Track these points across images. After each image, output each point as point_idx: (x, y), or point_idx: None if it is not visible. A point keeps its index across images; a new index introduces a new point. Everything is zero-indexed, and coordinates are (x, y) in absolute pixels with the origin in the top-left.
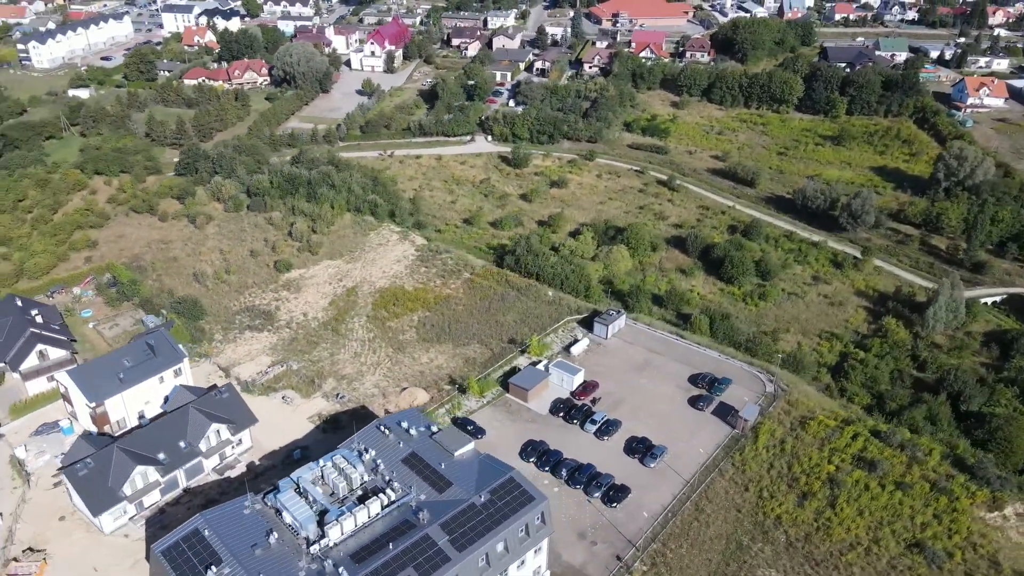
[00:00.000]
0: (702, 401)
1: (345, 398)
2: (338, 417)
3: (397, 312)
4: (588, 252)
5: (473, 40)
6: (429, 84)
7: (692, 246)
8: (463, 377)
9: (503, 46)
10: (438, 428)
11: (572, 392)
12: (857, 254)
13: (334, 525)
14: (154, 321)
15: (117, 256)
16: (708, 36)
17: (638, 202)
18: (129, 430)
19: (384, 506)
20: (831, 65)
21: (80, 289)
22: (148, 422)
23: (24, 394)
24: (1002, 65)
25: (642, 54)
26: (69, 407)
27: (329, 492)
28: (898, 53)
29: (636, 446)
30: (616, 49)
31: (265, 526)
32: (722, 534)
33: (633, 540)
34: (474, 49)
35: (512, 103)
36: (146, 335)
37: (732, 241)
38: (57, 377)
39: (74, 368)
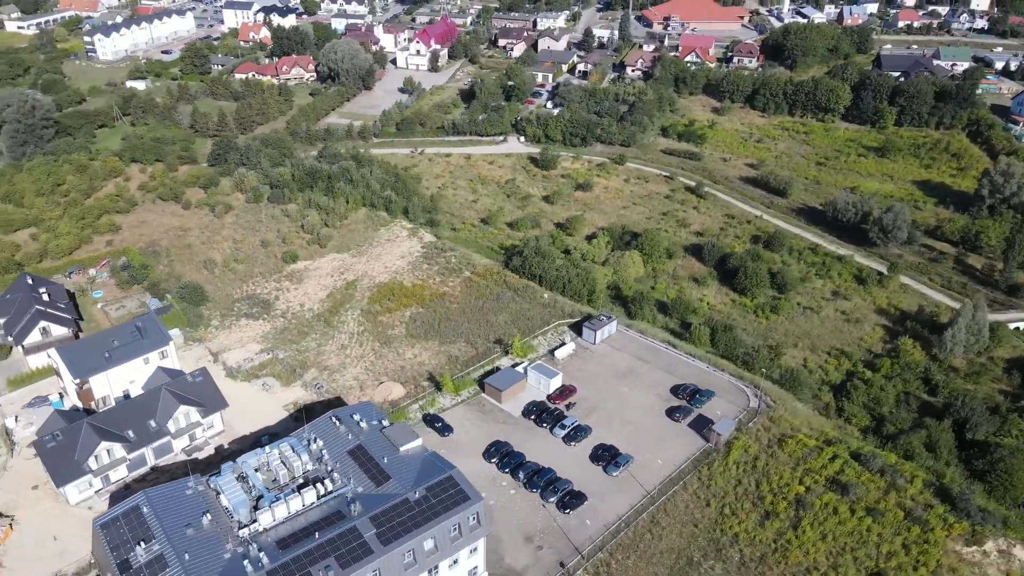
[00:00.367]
0: (679, 412)
1: (323, 388)
2: (313, 407)
3: (391, 307)
4: (599, 256)
5: (519, 41)
6: (469, 84)
7: (709, 255)
8: (442, 374)
9: (548, 47)
10: (390, 423)
11: (549, 396)
12: (883, 270)
13: (266, 511)
14: (156, 304)
15: (137, 241)
16: (758, 41)
17: (662, 208)
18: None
19: (320, 496)
20: (881, 73)
21: (96, 271)
22: (123, 401)
23: (25, 368)
24: None
25: (687, 58)
26: (61, 382)
27: (271, 479)
28: (959, 63)
29: (602, 454)
30: (660, 53)
31: (203, 507)
32: (674, 548)
33: (581, 548)
34: (519, 50)
35: (550, 105)
36: (139, 318)
37: (750, 251)
38: (49, 353)
39: (63, 345)
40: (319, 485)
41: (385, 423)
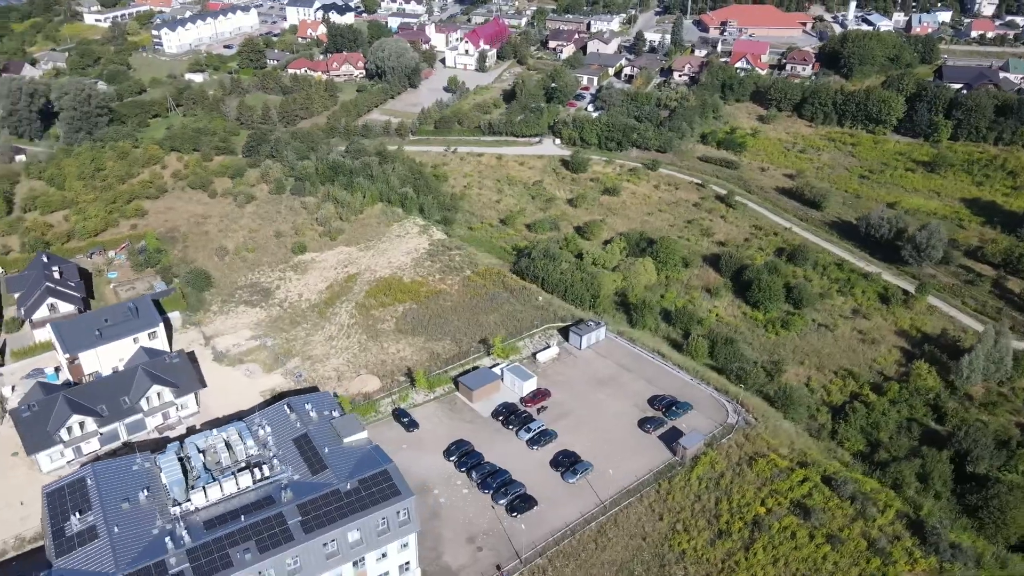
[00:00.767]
0: (651, 423)
1: (302, 377)
2: (288, 394)
3: (385, 302)
4: (611, 262)
5: (568, 43)
6: (513, 84)
7: (725, 266)
8: (417, 370)
9: (597, 50)
10: (340, 413)
11: (522, 398)
12: (912, 290)
13: (199, 491)
14: (163, 287)
15: (160, 226)
16: (814, 49)
17: (688, 216)
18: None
19: (256, 481)
20: (940, 85)
21: (115, 253)
22: (100, 377)
23: (31, 341)
24: None
25: (737, 65)
26: (58, 356)
27: (215, 460)
28: None
29: (562, 459)
30: (708, 58)
31: (145, 484)
32: (616, 560)
33: (521, 552)
34: (568, 52)
35: (591, 108)
36: (134, 299)
37: (768, 264)
38: (48, 328)
39: (59, 321)
40: (257, 470)
41: (335, 414)
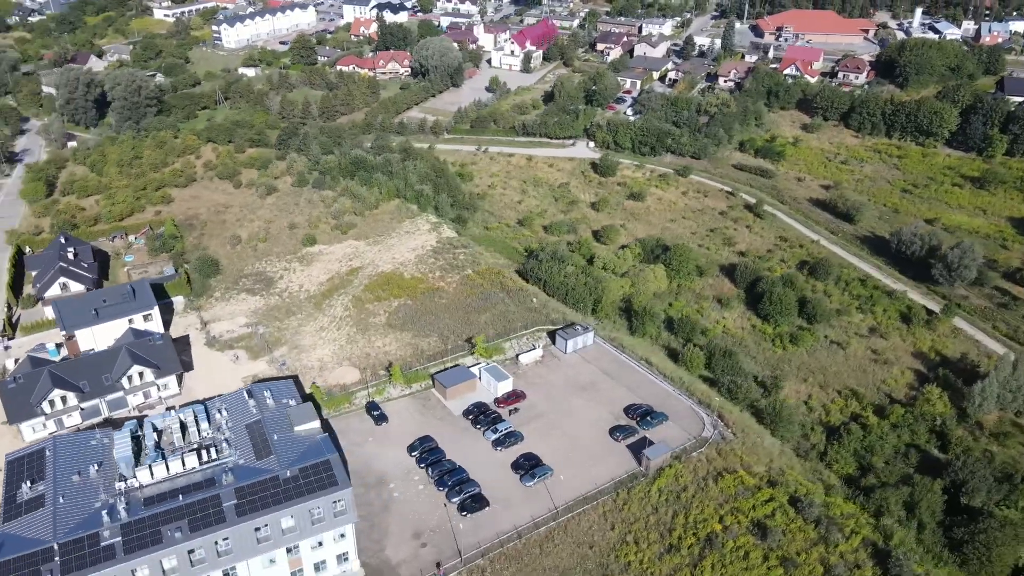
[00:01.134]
0: (622, 432)
1: (285, 365)
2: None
3: (381, 296)
4: (621, 268)
5: (616, 46)
6: (552, 86)
7: (741, 276)
8: (393, 365)
9: (644, 54)
10: (297, 402)
11: (496, 399)
12: (937, 310)
13: (143, 469)
14: (171, 272)
15: (182, 213)
16: (869, 57)
17: (713, 224)
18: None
19: (203, 462)
20: (999, 97)
21: (135, 237)
22: (87, 355)
23: (42, 317)
24: None
25: (786, 71)
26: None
27: (169, 440)
28: None
29: (523, 462)
30: (755, 64)
31: (99, 458)
32: (559, 567)
33: (464, 551)
34: (615, 55)
35: (630, 111)
36: (133, 282)
37: (784, 276)
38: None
39: (59, 299)
40: (205, 452)
41: (292, 403)
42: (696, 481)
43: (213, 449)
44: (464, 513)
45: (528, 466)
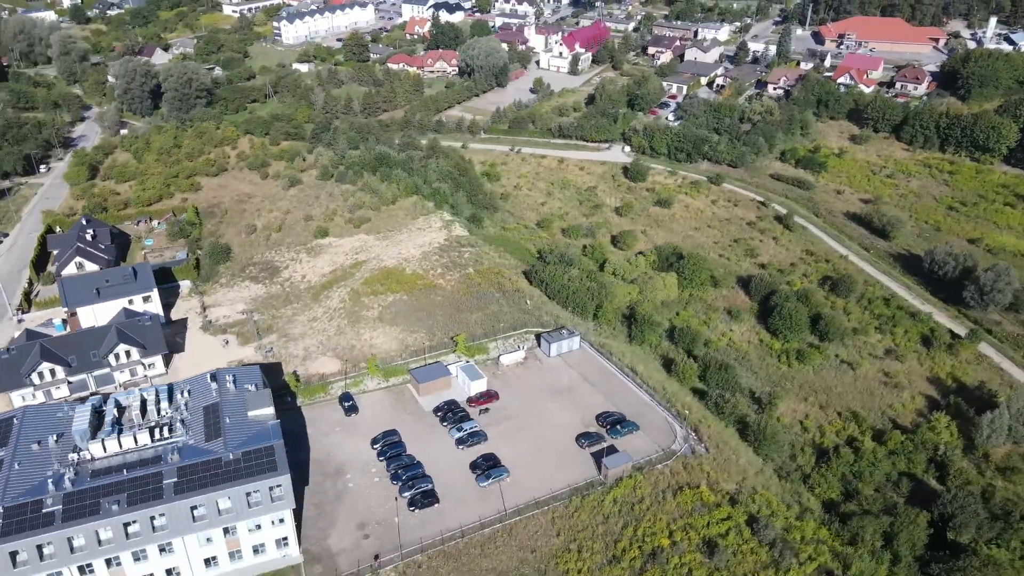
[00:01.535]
0: (588, 439)
1: (271, 352)
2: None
3: (378, 291)
4: (632, 274)
5: (667, 50)
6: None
7: (755, 289)
8: (370, 357)
9: (694, 59)
10: (257, 388)
11: (469, 398)
12: (962, 335)
13: (96, 443)
14: (183, 256)
15: (207, 201)
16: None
17: (737, 234)
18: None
19: (155, 440)
20: None
21: (157, 222)
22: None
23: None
24: None
25: (839, 80)
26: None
27: (129, 417)
28: None
29: (480, 463)
30: (807, 72)
31: (61, 430)
32: (497, 569)
33: (405, 546)
34: (665, 59)
35: (672, 117)
36: (136, 264)
37: (799, 291)
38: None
39: (66, 278)
40: (159, 431)
41: (251, 388)
42: (654, 494)
43: (167, 428)
44: (413, 508)
45: (485, 466)
